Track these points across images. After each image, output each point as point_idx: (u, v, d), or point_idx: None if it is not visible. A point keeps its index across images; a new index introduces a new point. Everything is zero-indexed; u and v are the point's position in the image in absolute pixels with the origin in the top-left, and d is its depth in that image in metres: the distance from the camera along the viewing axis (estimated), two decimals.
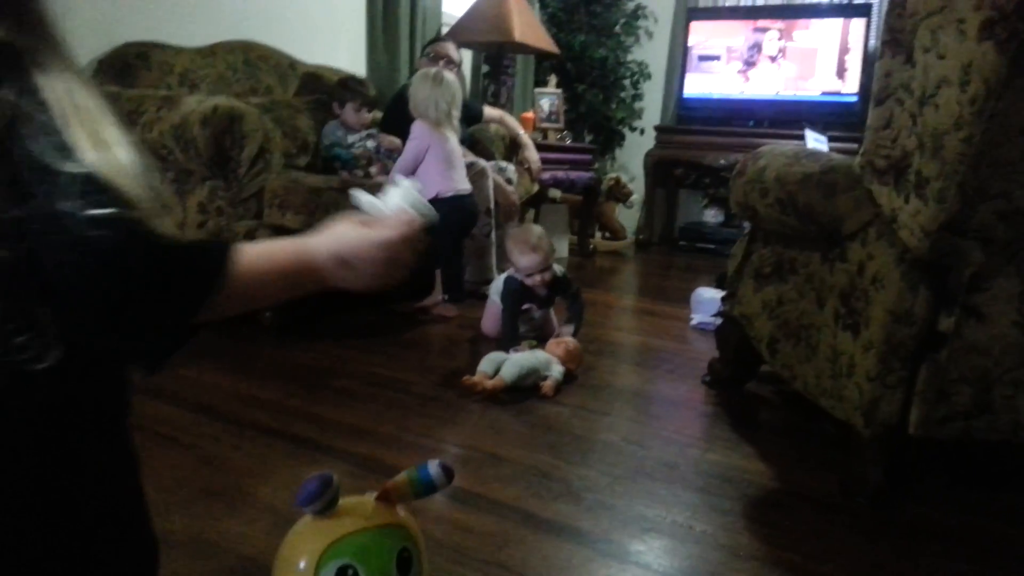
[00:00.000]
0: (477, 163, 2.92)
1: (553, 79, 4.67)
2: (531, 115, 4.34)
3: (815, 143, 3.09)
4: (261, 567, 0.79)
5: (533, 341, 2.20)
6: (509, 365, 1.88)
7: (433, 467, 0.83)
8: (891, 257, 1.28)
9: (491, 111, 3.50)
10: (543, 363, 1.94)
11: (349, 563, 0.76)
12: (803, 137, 3.18)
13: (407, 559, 0.81)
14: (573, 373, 2.03)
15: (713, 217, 5.06)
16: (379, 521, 0.81)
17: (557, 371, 1.94)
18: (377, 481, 0.84)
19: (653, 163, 4.86)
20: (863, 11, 4.25)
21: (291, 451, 1.45)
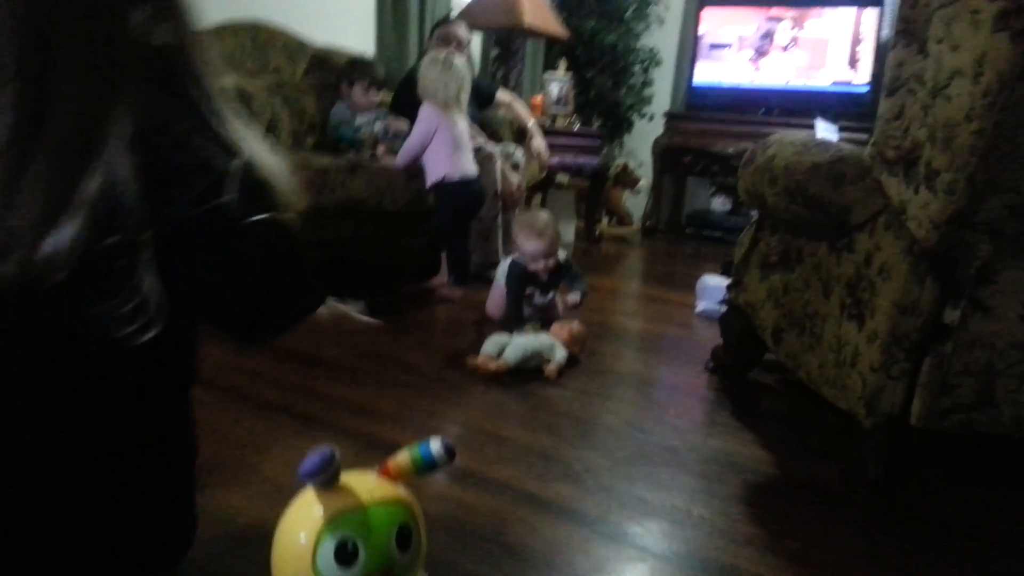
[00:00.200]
0: (485, 147, 2.91)
1: (563, 64, 4.64)
2: (540, 100, 4.32)
3: (825, 133, 3.08)
4: (262, 539, 0.80)
5: (537, 324, 2.21)
6: (513, 347, 1.89)
7: (435, 445, 0.84)
8: (899, 248, 1.28)
9: (503, 95, 3.48)
10: (546, 346, 1.95)
11: (349, 537, 0.77)
12: (813, 126, 3.17)
13: (407, 535, 0.81)
14: (576, 357, 2.04)
15: (720, 205, 5.05)
16: (380, 497, 0.81)
17: (560, 354, 1.95)
18: (379, 458, 0.84)
19: (661, 150, 4.85)
20: (876, 0, 4.21)
21: (294, 426, 1.46)
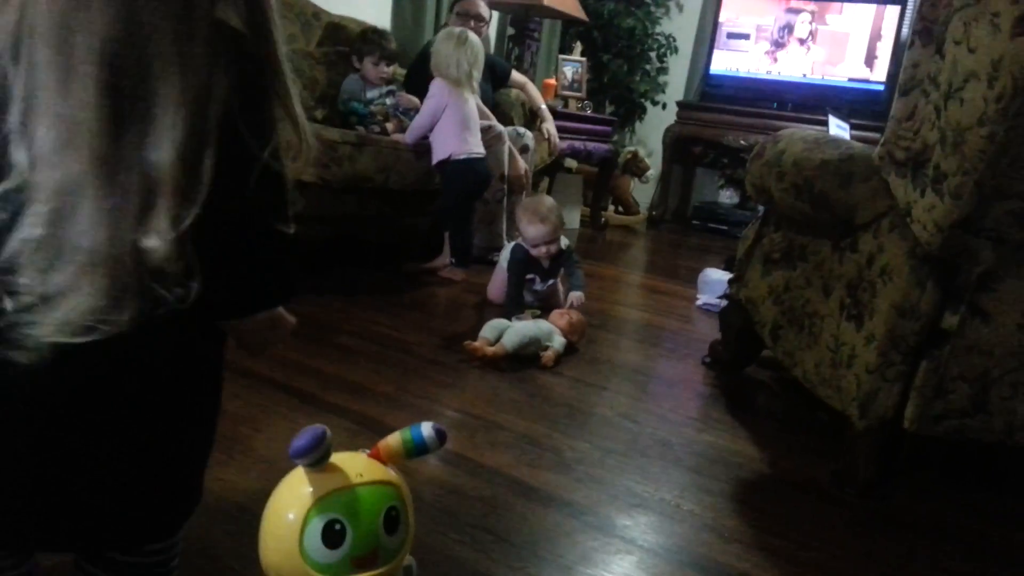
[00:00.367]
0: (494, 127, 2.89)
1: (578, 46, 4.60)
2: (553, 82, 4.28)
3: (837, 129, 3.06)
4: (253, 515, 0.80)
5: (537, 311, 2.21)
6: (511, 333, 1.89)
7: (426, 428, 0.84)
8: (902, 250, 1.27)
9: (516, 76, 3.46)
10: (545, 333, 1.95)
11: (337, 518, 0.77)
12: (826, 122, 3.14)
13: (394, 518, 0.81)
14: (574, 345, 2.04)
15: (728, 198, 5.02)
16: (369, 478, 0.81)
17: (558, 342, 1.95)
18: (372, 439, 0.84)
19: (672, 139, 4.82)
20: None
21: (289, 403, 1.47)
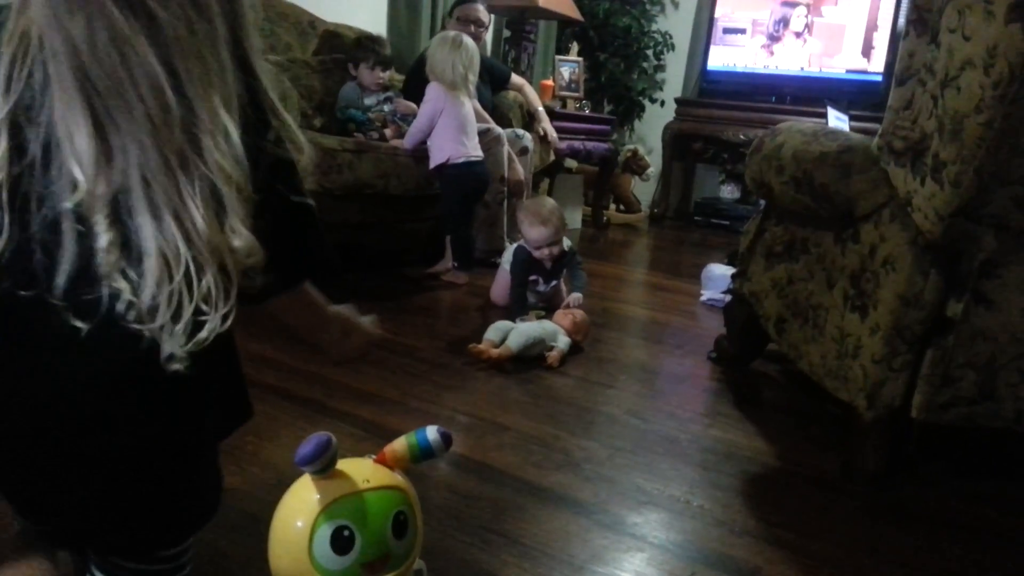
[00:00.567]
0: (492, 129, 2.89)
1: (575, 47, 4.60)
2: (550, 83, 4.28)
3: (836, 121, 3.05)
4: (261, 523, 0.80)
5: (541, 311, 2.21)
6: (515, 334, 1.89)
7: (432, 432, 0.84)
8: (903, 240, 1.27)
9: (515, 78, 3.47)
10: (549, 334, 1.95)
11: (345, 524, 0.77)
12: (825, 115, 3.14)
13: (403, 522, 0.81)
14: (579, 345, 2.04)
15: (729, 193, 5.02)
16: (376, 483, 0.81)
17: (563, 342, 1.95)
18: (378, 445, 0.84)
19: (672, 136, 4.81)
20: None
21: (295, 411, 1.47)
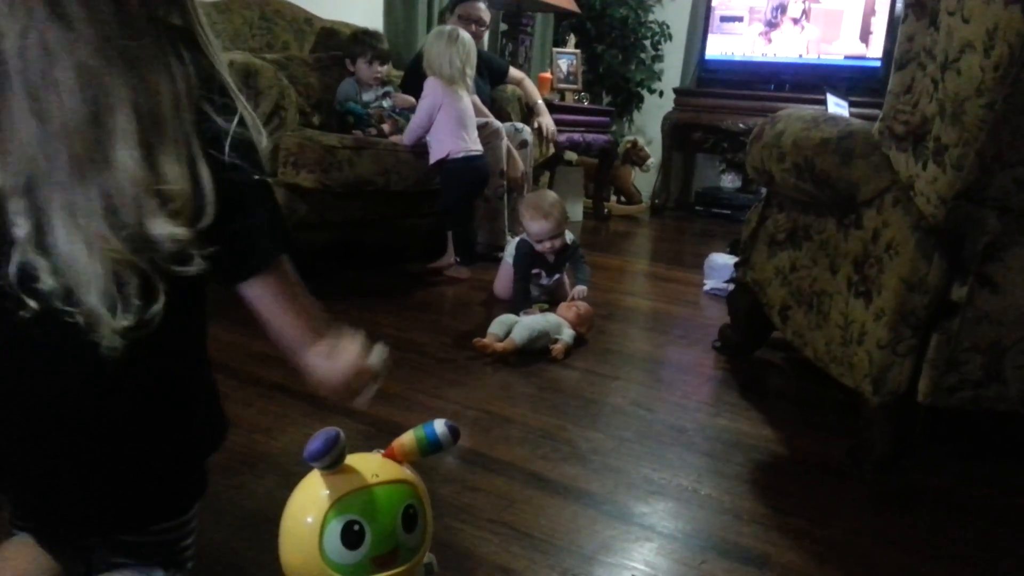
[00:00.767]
0: (491, 123, 2.89)
1: (572, 39, 4.59)
2: (548, 75, 4.28)
3: (836, 108, 3.04)
4: (271, 521, 0.81)
5: (544, 304, 2.21)
6: (520, 328, 1.89)
7: (439, 426, 0.84)
8: (906, 225, 1.26)
9: (513, 72, 3.46)
10: (553, 326, 1.95)
11: (355, 519, 0.77)
12: (824, 102, 3.13)
13: (412, 516, 0.82)
14: (583, 337, 2.04)
15: (730, 182, 5.01)
16: (385, 478, 0.81)
17: (567, 334, 1.95)
18: (386, 440, 0.84)
19: (671, 126, 4.81)
20: None
21: (302, 409, 1.47)
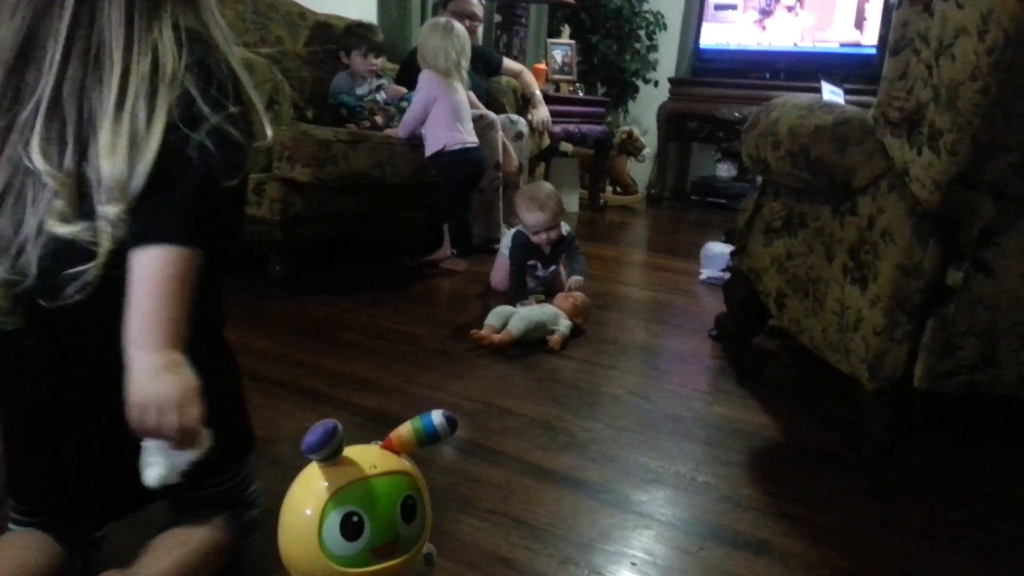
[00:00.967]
0: (487, 115, 2.88)
1: (566, 29, 4.58)
2: (543, 66, 4.27)
3: (831, 95, 3.04)
4: (269, 515, 0.81)
5: (541, 295, 2.21)
6: (517, 319, 1.89)
7: (437, 416, 0.84)
8: (901, 211, 1.27)
9: (510, 64, 3.45)
10: (550, 317, 1.95)
11: (354, 510, 0.77)
12: (819, 89, 3.13)
13: (411, 506, 0.82)
14: (580, 327, 2.04)
15: (726, 171, 5.01)
16: (383, 469, 0.81)
17: (564, 325, 1.95)
18: (384, 432, 0.85)
19: (666, 116, 4.80)
20: None
21: (299, 403, 1.47)
